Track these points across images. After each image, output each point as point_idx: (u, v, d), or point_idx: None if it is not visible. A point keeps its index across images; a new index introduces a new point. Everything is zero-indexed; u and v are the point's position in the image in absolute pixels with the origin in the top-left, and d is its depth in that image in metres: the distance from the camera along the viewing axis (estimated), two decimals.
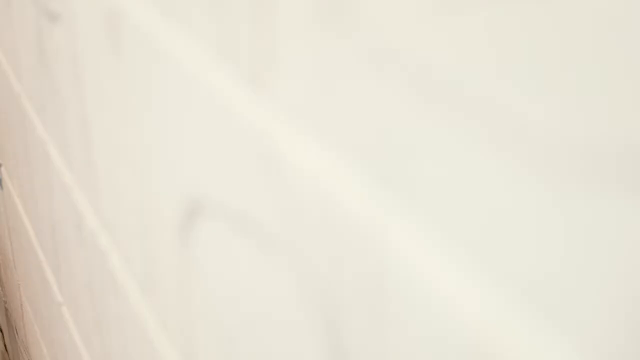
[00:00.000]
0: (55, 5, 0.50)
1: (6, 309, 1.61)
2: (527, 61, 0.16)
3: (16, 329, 1.45)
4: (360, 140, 0.23)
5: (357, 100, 0.23)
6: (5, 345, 1.88)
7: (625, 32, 0.14)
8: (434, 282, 0.21)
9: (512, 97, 0.17)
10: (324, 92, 0.24)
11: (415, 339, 0.22)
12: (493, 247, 0.19)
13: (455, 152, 0.19)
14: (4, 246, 1.25)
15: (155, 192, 0.39)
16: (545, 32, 0.16)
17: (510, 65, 0.17)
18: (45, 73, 0.58)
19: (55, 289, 0.78)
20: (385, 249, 0.23)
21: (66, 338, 0.77)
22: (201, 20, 0.30)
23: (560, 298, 0.17)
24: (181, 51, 0.32)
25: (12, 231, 1.09)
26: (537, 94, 0.16)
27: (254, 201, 0.28)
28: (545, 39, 0.16)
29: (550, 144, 0.16)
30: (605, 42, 0.14)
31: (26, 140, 0.74)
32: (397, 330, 0.23)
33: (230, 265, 0.32)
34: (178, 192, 0.36)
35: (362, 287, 0.24)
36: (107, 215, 0.50)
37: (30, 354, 1.27)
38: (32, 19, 0.58)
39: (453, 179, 0.20)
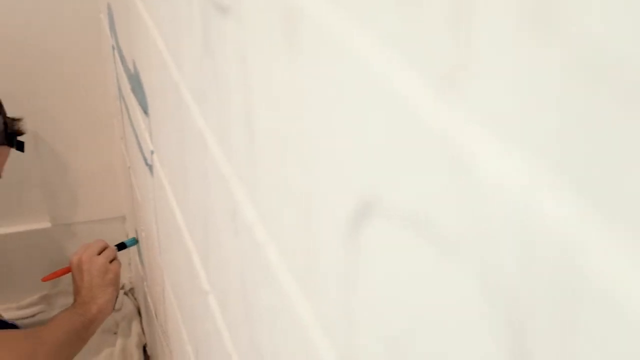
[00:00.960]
0: None
1: (146, 293, 1.65)
2: None
3: (155, 314, 1.49)
4: (557, 147, 0.22)
5: (557, 108, 0.22)
6: (142, 328, 1.93)
7: None
8: (633, 294, 0.20)
9: None
10: (521, 98, 0.23)
11: (609, 352, 0.21)
12: None
13: None
14: (150, 232, 1.28)
15: (322, 188, 0.39)
16: None
17: None
18: (208, 65, 0.59)
19: (202, 277, 0.79)
20: (580, 257, 0.22)
21: (210, 326, 0.78)
22: (387, 18, 0.29)
23: None
24: (362, 49, 0.32)
25: (160, 218, 1.11)
26: None
27: (435, 204, 0.28)
28: None
29: None
30: None
31: (182, 129, 0.76)
32: (588, 341, 0.22)
33: (401, 267, 0.32)
34: (348, 189, 0.35)
35: (553, 295, 0.23)
36: (266, 207, 0.50)
37: (168, 339, 1.30)
38: (199, 10, 0.59)
39: None
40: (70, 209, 2.05)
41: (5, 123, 1.57)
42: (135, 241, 1.68)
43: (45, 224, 2.06)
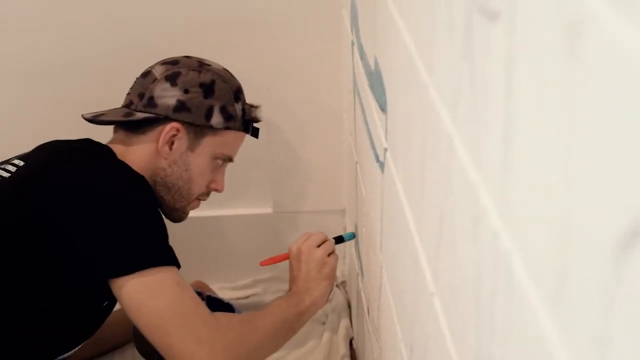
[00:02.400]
0: (495, 3, 0.50)
1: (360, 288, 1.67)
2: None
3: (368, 309, 1.50)
4: None
5: None
6: (350, 322, 1.96)
7: None
8: None
9: None
10: None
11: None
12: None
13: None
14: (373, 228, 1.30)
15: (588, 204, 0.38)
16: None
17: None
18: (465, 70, 0.59)
19: (428, 278, 0.79)
20: None
21: (431, 328, 0.79)
22: None
23: None
24: None
25: (386, 214, 1.13)
26: None
27: None
28: None
29: None
30: None
31: (425, 130, 0.76)
32: None
33: None
34: (622, 208, 0.34)
35: None
36: (516, 217, 0.50)
37: (379, 335, 1.32)
38: (461, 14, 0.59)
39: None
40: (292, 198, 2.10)
41: (243, 110, 1.62)
42: (353, 236, 1.69)
43: (267, 210, 2.13)
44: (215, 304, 1.79)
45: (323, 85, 1.95)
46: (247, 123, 1.65)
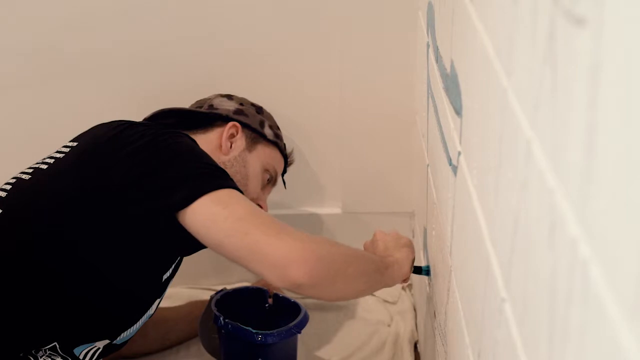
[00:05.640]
0: (582, 9, 0.50)
1: (427, 291, 1.66)
2: None
3: (435, 312, 1.50)
4: None
5: None
6: (416, 325, 1.95)
7: None
8: None
9: None
10: None
11: None
12: None
13: None
14: (443, 231, 1.29)
15: None
16: None
17: None
18: (547, 75, 0.58)
19: (499, 284, 0.79)
20: None
21: (501, 335, 0.78)
22: None
23: None
24: None
25: (457, 219, 1.12)
26: None
27: None
28: None
29: None
30: None
31: (502, 134, 0.76)
32: None
33: None
34: None
35: None
36: (596, 225, 0.49)
37: (446, 339, 1.31)
38: (545, 18, 0.58)
39: None
40: (361, 198, 2.10)
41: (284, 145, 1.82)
42: (428, 272, 1.60)
43: (336, 210, 2.13)
44: (282, 302, 1.80)
45: (396, 86, 1.94)
46: (285, 157, 1.84)
